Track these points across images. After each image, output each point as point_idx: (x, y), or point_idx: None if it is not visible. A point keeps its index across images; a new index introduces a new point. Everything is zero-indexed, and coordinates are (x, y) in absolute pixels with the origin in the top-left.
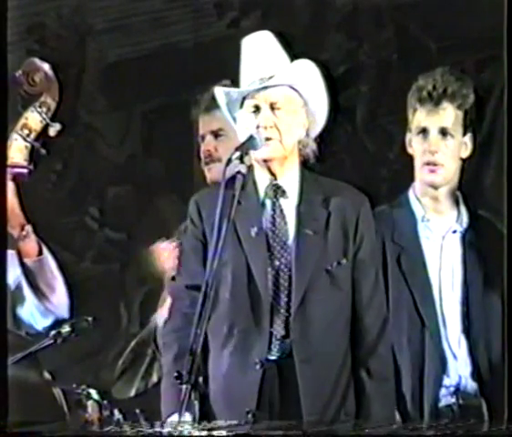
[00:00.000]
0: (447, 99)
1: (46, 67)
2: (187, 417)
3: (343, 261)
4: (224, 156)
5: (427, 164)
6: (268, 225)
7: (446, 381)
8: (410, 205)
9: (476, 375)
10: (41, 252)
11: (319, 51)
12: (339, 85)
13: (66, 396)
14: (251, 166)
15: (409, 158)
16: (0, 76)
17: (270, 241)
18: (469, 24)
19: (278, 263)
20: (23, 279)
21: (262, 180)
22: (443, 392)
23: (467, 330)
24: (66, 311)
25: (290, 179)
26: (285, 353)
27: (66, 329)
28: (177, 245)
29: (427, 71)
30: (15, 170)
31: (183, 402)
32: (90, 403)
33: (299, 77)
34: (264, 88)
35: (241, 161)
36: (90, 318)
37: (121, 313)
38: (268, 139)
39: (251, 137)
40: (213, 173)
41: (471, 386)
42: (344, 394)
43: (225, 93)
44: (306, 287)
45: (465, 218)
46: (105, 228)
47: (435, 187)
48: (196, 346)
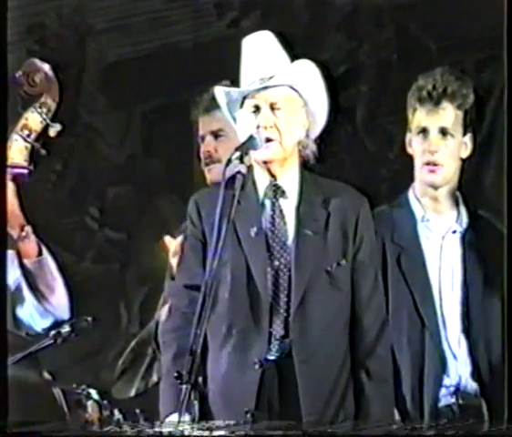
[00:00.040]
0: (447, 99)
1: (47, 68)
2: (185, 417)
3: (343, 262)
4: (224, 156)
5: (427, 164)
6: (267, 225)
7: (446, 381)
8: (410, 205)
9: (476, 375)
10: (41, 253)
11: (319, 51)
12: (339, 85)
13: (66, 396)
14: (251, 166)
15: (409, 158)
16: (0, 77)
17: (269, 241)
18: (469, 24)
19: (277, 263)
20: (22, 281)
21: (262, 180)
22: (443, 392)
23: (467, 330)
24: (65, 313)
25: (289, 180)
26: (284, 353)
27: (65, 329)
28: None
29: (427, 71)
30: (16, 171)
31: (183, 402)
32: (90, 403)
33: (299, 78)
34: (264, 88)
35: (241, 161)
36: (90, 318)
37: (121, 313)
38: (268, 140)
39: (251, 138)
40: (213, 174)
41: (471, 386)
42: (343, 395)
43: (225, 93)
44: (306, 287)
45: (464, 219)
46: (105, 228)
47: (435, 187)
48: (196, 346)
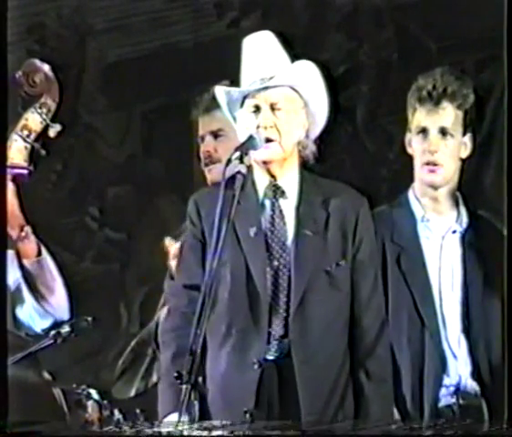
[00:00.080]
0: (447, 99)
1: (46, 68)
2: (184, 417)
3: (342, 262)
4: (224, 156)
5: (427, 164)
6: (267, 225)
7: (446, 381)
8: (410, 205)
9: (476, 375)
10: (40, 253)
11: (319, 51)
12: (339, 85)
13: (66, 396)
14: (251, 166)
15: (409, 158)
16: (0, 77)
17: (269, 241)
18: (469, 24)
19: (277, 263)
20: (22, 281)
21: (262, 181)
22: (443, 392)
23: (467, 330)
24: (65, 313)
25: (289, 180)
26: (283, 353)
27: (65, 329)
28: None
29: (427, 71)
30: (15, 171)
31: (183, 403)
32: (90, 403)
33: (300, 78)
34: (265, 88)
35: (241, 161)
36: (90, 318)
37: (121, 313)
38: (268, 140)
39: (251, 137)
40: (213, 174)
41: (471, 386)
42: (343, 395)
43: (225, 92)
44: (305, 287)
45: (464, 219)
46: (105, 228)
47: (435, 187)
48: (196, 346)
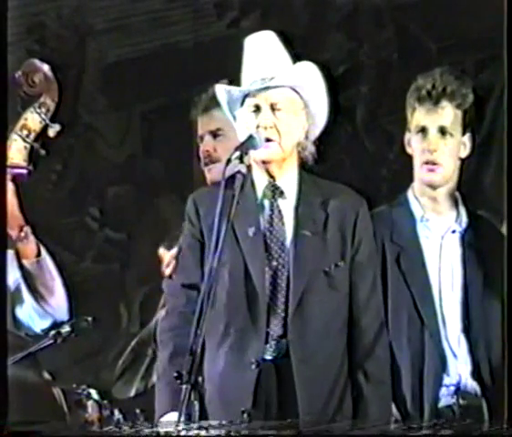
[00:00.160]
0: (447, 98)
1: (46, 68)
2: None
3: (341, 263)
4: (223, 156)
5: (426, 163)
6: (266, 225)
7: (446, 380)
8: (409, 205)
9: (476, 375)
10: (39, 253)
11: (319, 51)
12: (339, 85)
13: (66, 396)
14: (250, 166)
15: (409, 158)
16: (0, 77)
17: (267, 242)
18: (469, 24)
19: (275, 263)
20: (22, 281)
21: (261, 181)
22: (443, 392)
23: (467, 330)
24: (64, 314)
25: (288, 181)
26: (281, 353)
27: (65, 329)
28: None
29: (427, 71)
30: (15, 171)
31: (183, 403)
32: (90, 403)
33: (301, 80)
34: (266, 88)
35: (241, 161)
36: (90, 318)
37: (121, 313)
38: (268, 140)
39: (251, 137)
40: (213, 174)
41: (471, 385)
42: (342, 396)
43: (226, 91)
44: (304, 288)
45: (464, 219)
46: (105, 228)
47: (434, 186)
48: (196, 346)
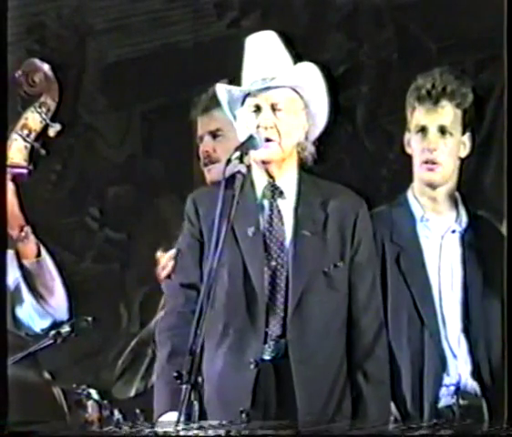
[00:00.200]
0: (446, 98)
1: (46, 68)
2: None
3: (340, 264)
4: (223, 156)
5: (426, 162)
6: (265, 225)
7: (446, 380)
8: (409, 205)
9: (476, 374)
10: (40, 254)
11: (319, 51)
12: (339, 85)
13: (66, 396)
14: (250, 166)
15: (409, 158)
16: (0, 77)
17: (267, 241)
18: (469, 24)
19: (274, 263)
20: (21, 281)
21: (260, 181)
22: (443, 392)
23: (467, 330)
24: (64, 314)
25: (288, 181)
26: (280, 353)
27: (65, 329)
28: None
29: (427, 71)
30: (15, 170)
31: (183, 403)
32: (90, 403)
33: (301, 80)
34: (266, 89)
35: (241, 161)
36: (90, 318)
37: (121, 313)
38: (268, 140)
39: (251, 137)
40: (213, 174)
41: (471, 385)
42: (341, 396)
43: (227, 90)
44: (303, 288)
45: (464, 219)
46: (105, 228)
47: (434, 186)
48: (195, 346)
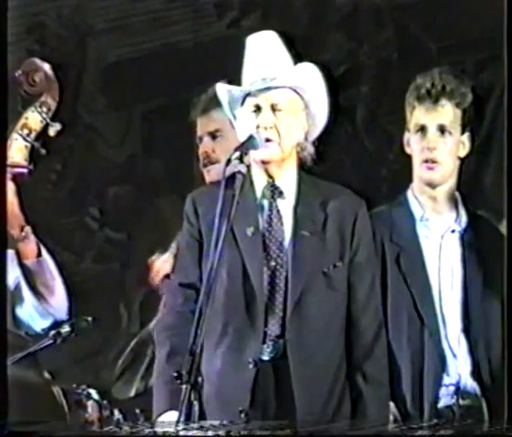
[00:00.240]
0: (446, 97)
1: (47, 67)
2: (175, 417)
3: (339, 264)
4: (222, 157)
5: (425, 161)
6: (264, 225)
7: (446, 380)
8: (409, 205)
9: (476, 374)
10: (40, 254)
11: (319, 51)
12: (339, 85)
13: (66, 396)
14: (249, 166)
15: (409, 158)
16: (0, 76)
17: (266, 241)
18: (469, 24)
19: (274, 263)
20: (22, 280)
21: (260, 181)
22: (443, 391)
23: (467, 330)
24: (65, 314)
25: (287, 181)
26: (279, 353)
27: (65, 329)
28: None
29: (427, 71)
30: (15, 170)
31: (183, 403)
32: (90, 403)
33: (302, 81)
34: (266, 89)
35: (241, 161)
36: (90, 318)
37: (121, 313)
38: (267, 140)
39: (251, 137)
40: (212, 175)
41: (471, 385)
42: (340, 397)
43: (227, 90)
44: (302, 288)
45: (464, 218)
46: (105, 228)
47: (433, 185)
48: (196, 346)
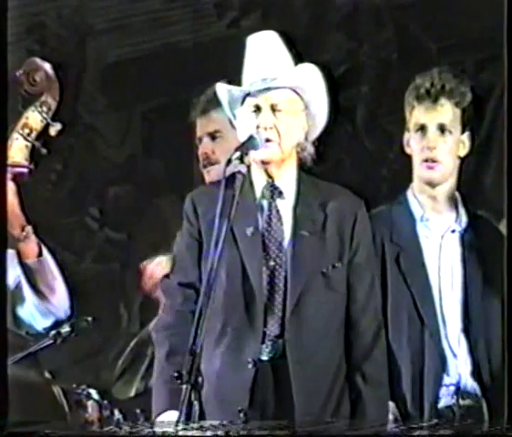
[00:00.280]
0: (445, 96)
1: (47, 67)
2: (175, 416)
3: (339, 265)
4: (221, 158)
5: (425, 161)
6: (264, 225)
7: (446, 380)
8: (408, 204)
9: (476, 374)
10: (41, 253)
11: (319, 51)
12: (339, 85)
13: (66, 396)
14: (249, 166)
15: (409, 158)
16: (0, 76)
17: (265, 241)
18: (469, 24)
19: (273, 263)
20: (23, 279)
21: (259, 181)
22: (443, 391)
23: (467, 329)
24: (66, 313)
25: (287, 181)
26: (278, 354)
27: (65, 329)
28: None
29: (427, 71)
30: (16, 170)
31: (183, 403)
32: (90, 403)
33: (302, 81)
34: (266, 89)
35: (241, 161)
36: (90, 318)
37: (121, 313)
38: (267, 141)
39: (252, 137)
40: (212, 175)
41: (471, 385)
42: (339, 397)
43: (227, 90)
44: (301, 288)
45: (464, 218)
46: (105, 228)
47: (434, 184)
48: (196, 346)
